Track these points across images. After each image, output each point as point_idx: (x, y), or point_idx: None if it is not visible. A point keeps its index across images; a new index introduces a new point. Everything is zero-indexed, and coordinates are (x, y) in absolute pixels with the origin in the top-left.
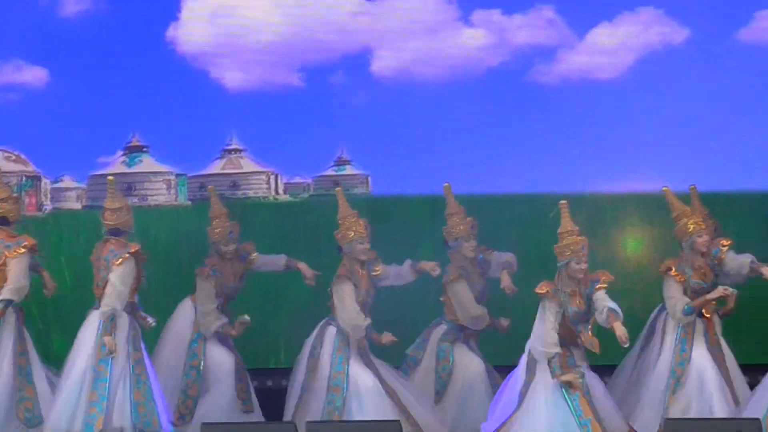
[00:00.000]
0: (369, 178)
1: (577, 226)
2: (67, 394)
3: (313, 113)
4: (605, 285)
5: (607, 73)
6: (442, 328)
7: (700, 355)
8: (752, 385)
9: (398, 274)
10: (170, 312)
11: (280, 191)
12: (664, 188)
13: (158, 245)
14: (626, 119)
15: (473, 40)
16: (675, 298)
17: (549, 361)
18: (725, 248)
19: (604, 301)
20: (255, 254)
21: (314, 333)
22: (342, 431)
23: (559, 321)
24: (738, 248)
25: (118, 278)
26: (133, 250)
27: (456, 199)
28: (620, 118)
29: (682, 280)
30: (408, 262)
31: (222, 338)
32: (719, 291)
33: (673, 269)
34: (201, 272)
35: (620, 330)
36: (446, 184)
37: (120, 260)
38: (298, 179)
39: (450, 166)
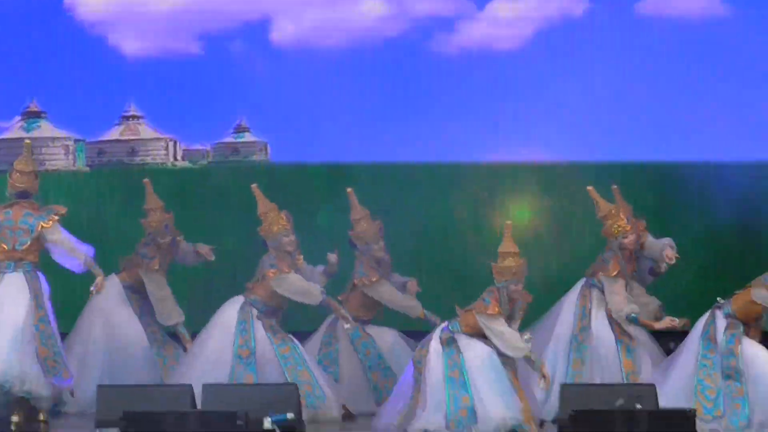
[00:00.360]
0: (268, 146)
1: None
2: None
3: (212, 81)
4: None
5: (507, 44)
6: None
7: (600, 323)
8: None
9: (311, 275)
10: (64, 275)
11: (179, 158)
12: (588, 188)
13: None
14: (525, 90)
15: (372, 11)
16: (620, 295)
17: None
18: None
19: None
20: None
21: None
22: (238, 393)
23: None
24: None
25: (61, 235)
26: (63, 211)
27: (357, 168)
28: (519, 89)
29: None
30: (321, 268)
31: None
32: (666, 322)
33: (617, 271)
34: (149, 267)
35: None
36: (349, 189)
37: (50, 221)
38: (197, 146)
39: (348, 135)
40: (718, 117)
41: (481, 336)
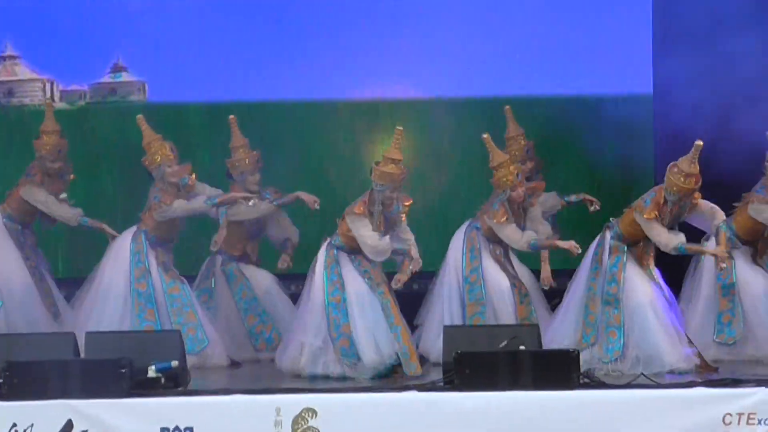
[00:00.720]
0: (146, 85)
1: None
2: None
3: (88, 21)
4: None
5: None
6: None
7: (489, 265)
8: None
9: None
10: None
11: (56, 98)
12: (484, 136)
13: None
14: (403, 26)
15: None
16: (514, 233)
17: None
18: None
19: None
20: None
21: None
22: (122, 340)
23: None
24: None
25: None
26: None
27: (235, 107)
28: (397, 25)
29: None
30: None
31: None
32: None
33: (506, 218)
34: (32, 181)
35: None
36: (231, 117)
37: None
38: (74, 86)
39: (226, 73)
40: (594, 51)
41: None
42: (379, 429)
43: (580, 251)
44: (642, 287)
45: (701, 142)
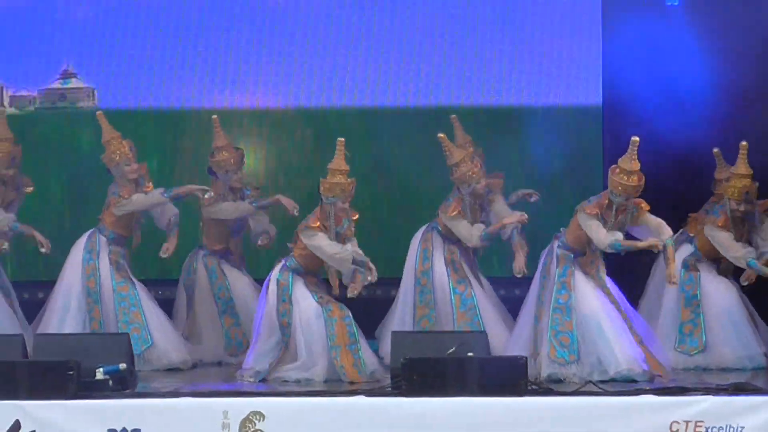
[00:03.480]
0: (95, 91)
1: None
2: None
3: (37, 25)
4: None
5: None
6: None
7: (440, 268)
8: None
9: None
10: None
11: (6, 104)
12: (440, 135)
13: None
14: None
15: None
16: (464, 229)
17: None
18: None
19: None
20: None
21: None
22: (70, 342)
23: None
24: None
25: None
26: None
27: (185, 114)
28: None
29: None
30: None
31: None
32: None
33: (457, 211)
34: None
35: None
36: (214, 117)
37: None
38: (24, 92)
39: (177, 80)
40: (545, 63)
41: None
42: None
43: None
44: (591, 295)
45: (637, 138)
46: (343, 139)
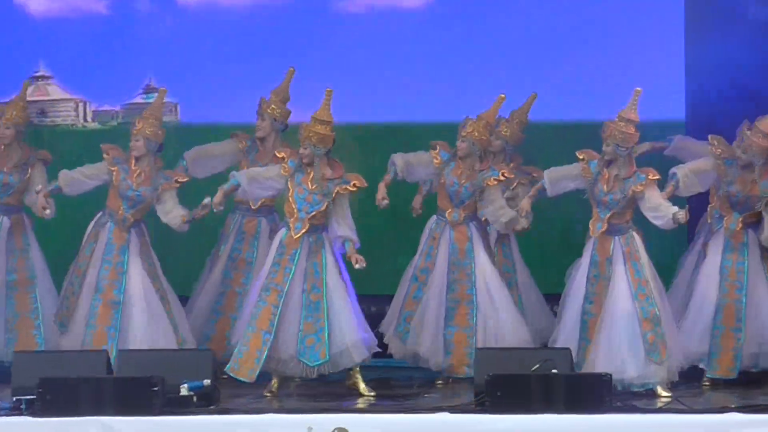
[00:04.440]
0: (177, 106)
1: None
2: None
3: (120, 41)
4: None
5: (412, 2)
6: None
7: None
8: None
9: None
10: None
11: (89, 118)
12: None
13: None
14: (431, 49)
15: None
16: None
17: None
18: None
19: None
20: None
21: None
22: (154, 358)
23: None
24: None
25: None
26: None
27: None
28: (426, 48)
29: None
30: None
31: None
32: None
33: None
34: None
35: None
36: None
37: None
38: (106, 107)
39: (257, 95)
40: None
41: None
42: None
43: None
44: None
45: (640, 89)
46: (331, 90)
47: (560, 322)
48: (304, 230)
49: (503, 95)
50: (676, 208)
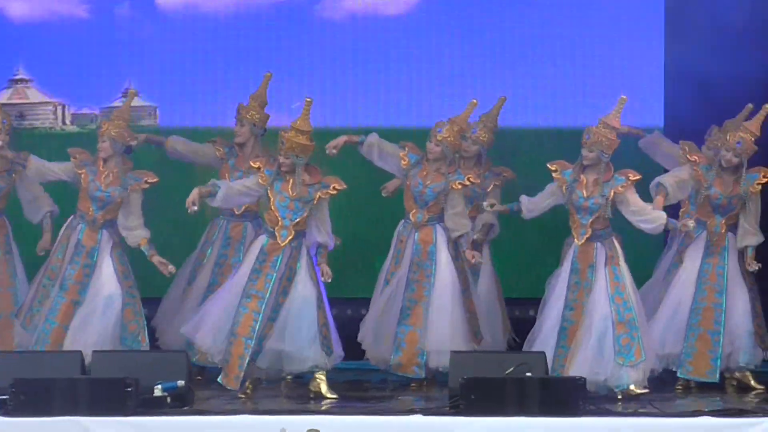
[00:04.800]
0: (156, 110)
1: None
2: None
3: (99, 45)
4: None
5: (393, 9)
6: None
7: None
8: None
9: None
10: None
11: (68, 122)
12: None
13: None
14: (412, 55)
15: None
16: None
17: None
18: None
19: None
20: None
21: None
22: (128, 359)
23: None
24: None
25: None
26: None
27: None
28: (406, 54)
29: None
30: None
31: None
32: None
33: None
34: None
35: None
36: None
37: None
38: (85, 110)
39: (236, 99)
40: (605, 86)
41: None
42: None
43: None
44: None
45: (626, 97)
46: (311, 99)
47: (537, 327)
48: (290, 237)
49: (475, 101)
50: (662, 213)
